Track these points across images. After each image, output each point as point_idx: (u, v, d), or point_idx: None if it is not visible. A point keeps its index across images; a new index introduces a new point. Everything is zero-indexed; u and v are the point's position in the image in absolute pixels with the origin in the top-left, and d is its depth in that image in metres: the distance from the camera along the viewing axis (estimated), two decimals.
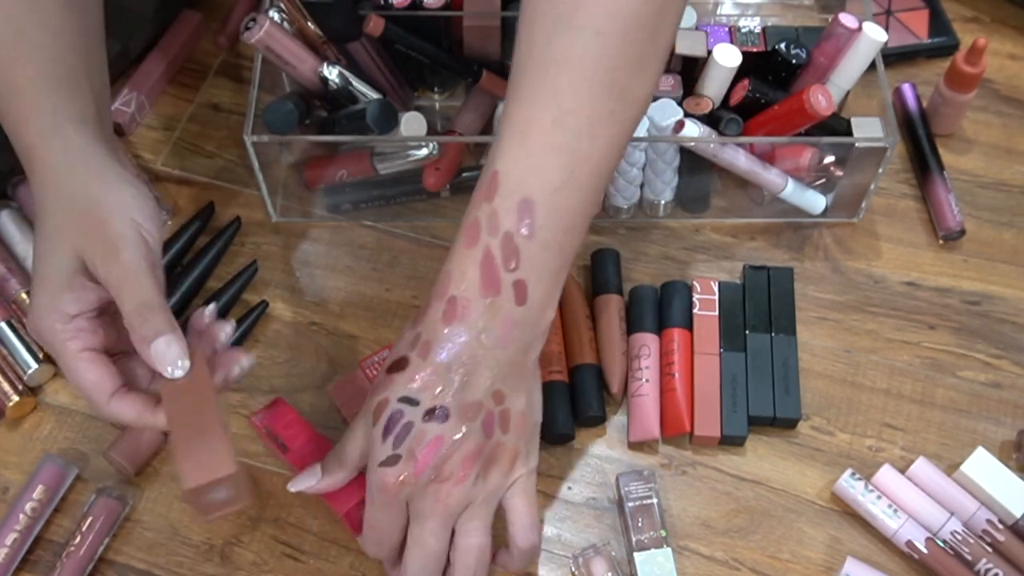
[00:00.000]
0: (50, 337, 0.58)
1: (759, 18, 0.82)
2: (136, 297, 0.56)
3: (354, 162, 0.77)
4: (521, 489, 0.62)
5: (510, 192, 0.57)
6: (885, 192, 0.84)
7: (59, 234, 0.58)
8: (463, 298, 0.58)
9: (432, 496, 0.59)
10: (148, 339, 0.56)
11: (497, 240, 0.57)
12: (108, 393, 0.58)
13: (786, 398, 0.73)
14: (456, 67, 0.80)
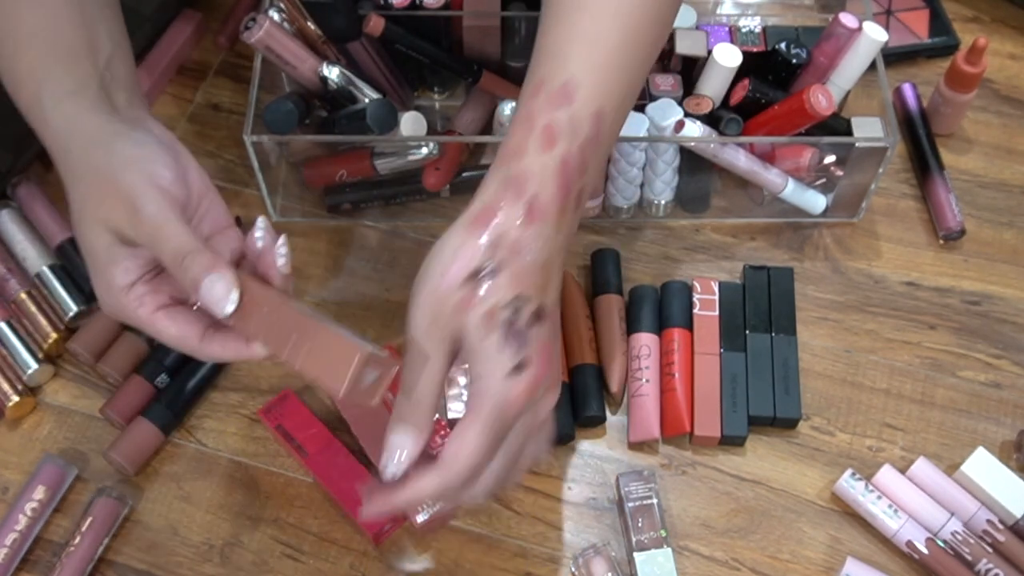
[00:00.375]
0: (121, 314, 0.58)
1: (759, 18, 0.82)
2: (169, 248, 0.55)
3: (354, 162, 0.77)
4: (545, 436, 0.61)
5: (587, 101, 0.57)
6: (885, 192, 0.84)
7: (83, 215, 0.57)
8: (543, 202, 0.56)
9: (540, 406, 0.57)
10: (195, 283, 0.54)
11: (576, 147, 0.56)
12: (196, 339, 0.57)
13: (786, 398, 0.73)
14: (456, 67, 0.80)
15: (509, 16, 0.79)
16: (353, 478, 0.69)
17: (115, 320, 0.59)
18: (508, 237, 0.55)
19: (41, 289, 0.77)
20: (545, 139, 0.56)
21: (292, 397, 0.73)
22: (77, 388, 0.75)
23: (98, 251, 0.57)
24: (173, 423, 0.72)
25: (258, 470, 0.72)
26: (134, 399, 0.73)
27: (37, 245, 0.78)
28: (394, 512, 0.56)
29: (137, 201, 0.55)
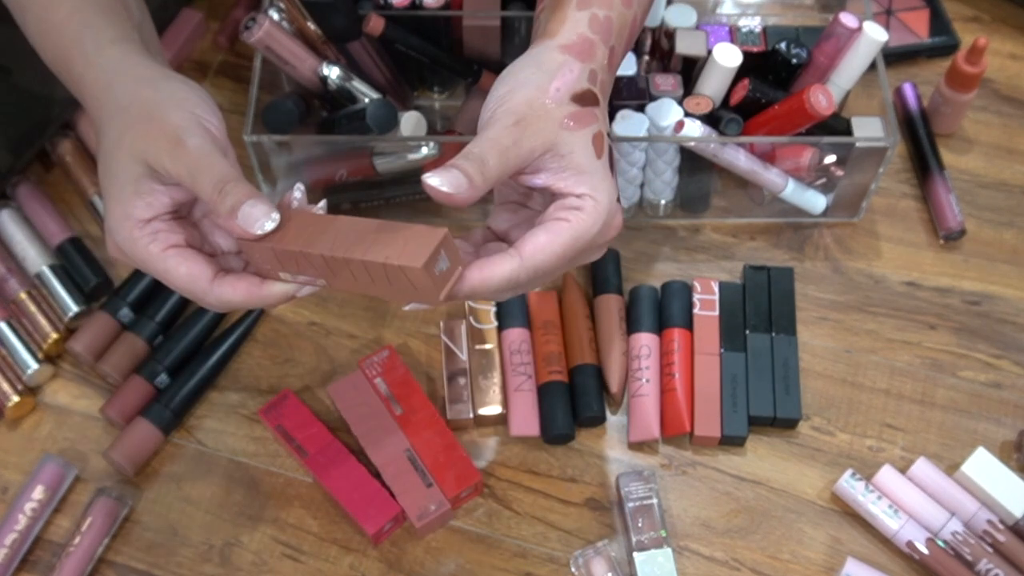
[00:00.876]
0: (130, 247, 0.56)
1: (759, 18, 0.82)
2: (212, 176, 0.54)
3: (354, 162, 0.77)
4: None
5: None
6: (885, 192, 0.83)
7: (119, 146, 0.56)
8: (618, 51, 0.58)
9: (618, 223, 0.57)
10: (235, 210, 0.53)
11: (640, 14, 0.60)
12: (208, 279, 0.55)
13: (786, 398, 0.73)
14: (456, 67, 0.80)
15: (509, 16, 0.79)
16: (353, 478, 0.69)
17: (117, 259, 0.57)
18: (599, 75, 0.56)
19: (41, 289, 0.77)
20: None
21: (292, 397, 0.73)
22: (77, 388, 0.75)
23: (125, 181, 0.56)
24: (173, 423, 0.72)
25: (258, 470, 0.72)
26: (134, 399, 0.73)
27: (37, 245, 0.78)
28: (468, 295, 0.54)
29: (183, 134, 0.55)
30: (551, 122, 0.54)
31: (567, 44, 0.56)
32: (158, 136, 0.55)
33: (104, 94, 0.58)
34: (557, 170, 0.54)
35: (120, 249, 0.57)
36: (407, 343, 0.76)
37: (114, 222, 0.56)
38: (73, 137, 0.83)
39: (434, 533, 0.70)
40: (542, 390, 0.73)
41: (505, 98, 0.55)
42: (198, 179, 0.54)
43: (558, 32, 0.57)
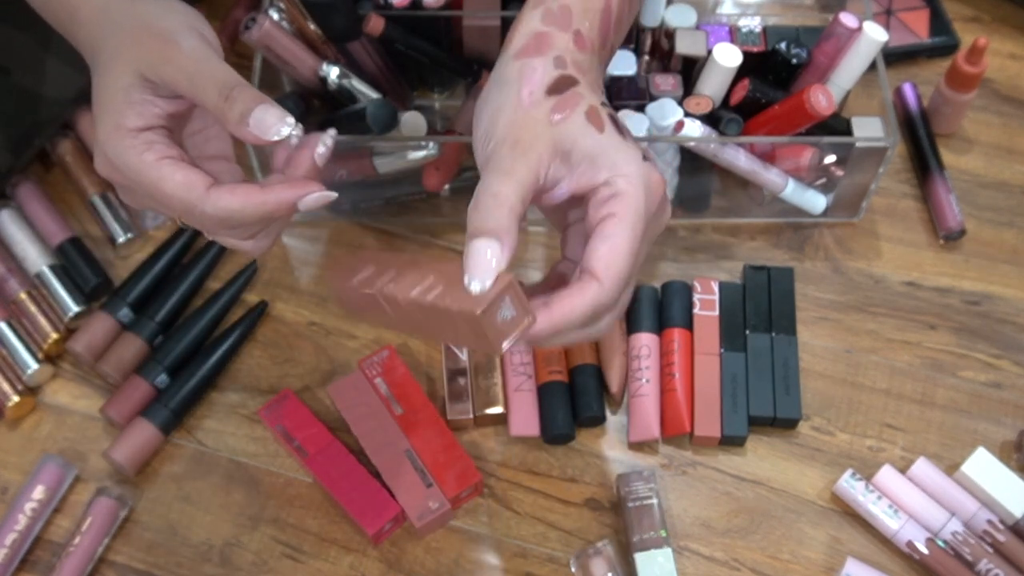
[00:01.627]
0: (122, 156, 0.53)
1: (759, 18, 0.82)
2: (215, 81, 0.52)
3: (354, 162, 0.77)
4: None
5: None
6: (885, 192, 0.83)
7: (112, 59, 0.54)
8: (587, 35, 0.56)
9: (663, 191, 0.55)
10: (245, 116, 0.51)
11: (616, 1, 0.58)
12: (203, 187, 0.53)
13: (786, 398, 0.73)
14: (456, 67, 0.80)
15: (509, 16, 0.79)
16: (353, 478, 0.69)
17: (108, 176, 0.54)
18: (567, 58, 0.54)
19: (41, 289, 0.77)
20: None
21: (292, 397, 0.73)
22: (77, 388, 0.75)
23: (116, 92, 0.53)
24: (173, 423, 0.72)
25: (258, 470, 0.72)
26: (134, 399, 0.73)
27: (37, 245, 0.78)
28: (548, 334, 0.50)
29: (178, 38, 0.53)
30: (540, 125, 0.52)
31: (519, 49, 0.55)
32: (152, 45, 0.53)
33: (100, 16, 0.56)
34: (571, 170, 0.52)
35: (111, 162, 0.54)
36: (407, 343, 0.76)
37: (104, 134, 0.53)
38: (73, 137, 0.83)
39: (434, 533, 0.70)
40: (542, 390, 0.73)
41: (490, 131, 0.53)
42: (199, 84, 0.52)
43: (511, 42, 0.55)
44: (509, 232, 0.50)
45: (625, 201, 0.51)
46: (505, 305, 0.49)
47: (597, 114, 0.52)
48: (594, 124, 0.52)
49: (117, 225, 0.80)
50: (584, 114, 0.52)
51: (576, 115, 0.52)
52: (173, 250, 0.78)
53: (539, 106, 0.52)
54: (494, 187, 0.50)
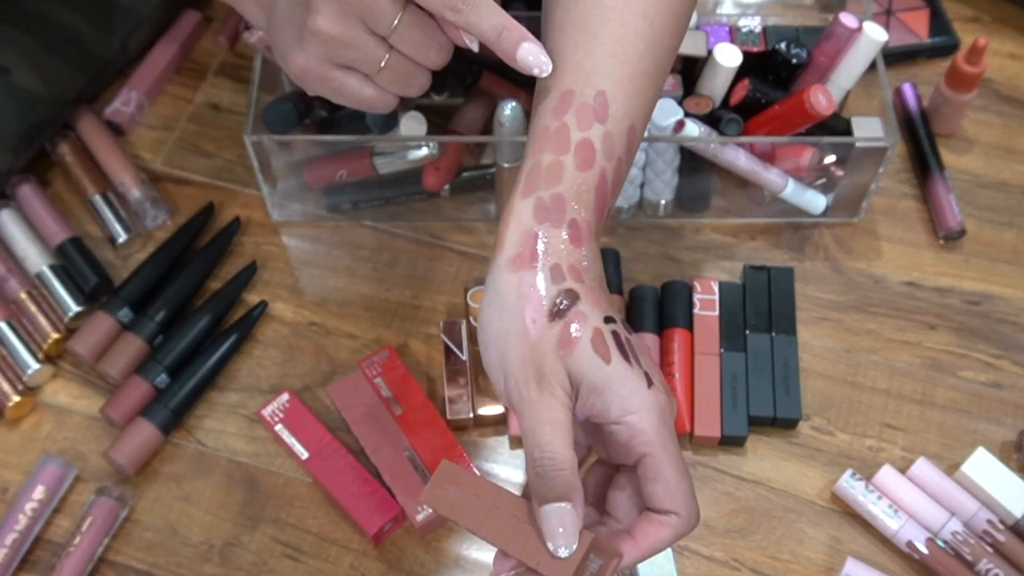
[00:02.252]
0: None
1: (759, 18, 0.82)
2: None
3: (354, 162, 0.77)
4: None
5: (621, 118, 0.55)
6: (885, 192, 0.83)
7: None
8: (584, 221, 0.54)
9: (674, 413, 0.54)
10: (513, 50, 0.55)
11: (612, 165, 0.55)
12: None
13: (786, 398, 0.73)
14: (456, 67, 0.80)
15: None
16: (353, 478, 0.69)
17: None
18: (564, 263, 0.53)
19: (41, 289, 0.77)
20: (582, 158, 0.54)
21: (292, 397, 0.73)
22: (77, 388, 0.75)
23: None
24: (173, 423, 0.72)
25: (258, 470, 0.72)
26: (134, 399, 0.73)
27: (37, 245, 0.78)
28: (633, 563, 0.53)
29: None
30: (551, 356, 0.51)
31: (513, 257, 0.53)
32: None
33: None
34: (594, 401, 0.52)
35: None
36: (407, 343, 0.76)
37: None
38: (73, 137, 0.83)
39: (434, 533, 0.70)
40: None
41: (505, 366, 0.52)
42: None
43: (504, 241, 0.53)
44: (577, 488, 0.51)
45: (647, 438, 0.51)
46: (591, 561, 0.50)
47: (603, 340, 0.51)
48: (600, 354, 0.51)
49: (117, 225, 0.80)
50: (590, 343, 0.51)
51: (582, 347, 0.51)
52: (173, 250, 0.78)
53: (545, 337, 0.51)
54: (544, 439, 0.50)
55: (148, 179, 0.82)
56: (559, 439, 0.50)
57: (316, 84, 0.58)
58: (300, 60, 0.56)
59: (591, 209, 0.54)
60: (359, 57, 0.56)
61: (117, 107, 0.85)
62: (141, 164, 0.84)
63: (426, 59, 0.57)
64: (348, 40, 0.55)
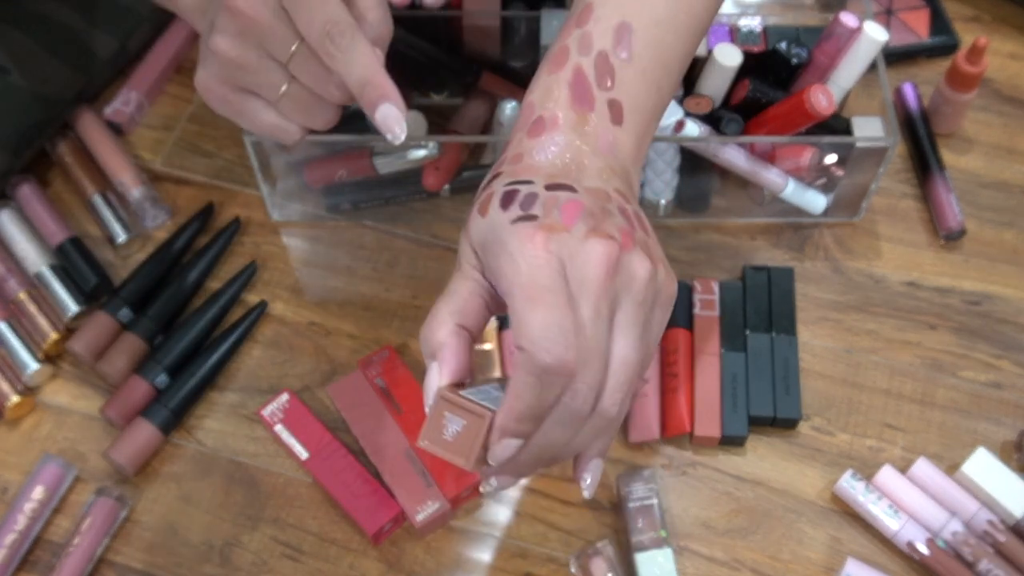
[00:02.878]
0: None
1: (760, 17, 0.81)
2: None
3: (354, 162, 0.77)
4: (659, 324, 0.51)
5: (607, 16, 0.53)
6: (886, 192, 0.83)
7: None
8: (551, 113, 0.52)
9: (599, 256, 0.47)
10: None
11: (590, 59, 0.52)
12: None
13: (786, 398, 0.73)
14: (456, 67, 0.80)
15: (509, 16, 0.79)
16: (353, 478, 0.69)
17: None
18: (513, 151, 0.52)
19: (41, 289, 0.77)
20: (554, 62, 0.53)
21: (292, 397, 0.73)
22: (77, 388, 0.75)
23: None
24: (173, 423, 0.72)
25: (258, 470, 0.72)
26: (134, 399, 0.73)
27: (37, 245, 0.78)
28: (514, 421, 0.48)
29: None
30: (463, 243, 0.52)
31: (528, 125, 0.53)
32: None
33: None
34: (487, 261, 0.50)
35: None
36: (407, 343, 0.76)
37: None
38: (73, 137, 0.83)
39: (434, 533, 0.70)
40: None
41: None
42: None
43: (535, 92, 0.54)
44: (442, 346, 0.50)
45: (505, 283, 0.48)
46: (449, 420, 0.47)
47: (488, 200, 0.50)
48: (480, 212, 0.50)
49: (117, 225, 0.80)
50: (477, 206, 0.50)
51: (473, 214, 0.51)
52: (173, 250, 0.78)
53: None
54: (434, 310, 0.51)
55: (148, 179, 0.82)
56: (443, 305, 0.51)
57: (217, 104, 0.59)
58: (202, 78, 0.58)
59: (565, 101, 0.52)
60: (258, 81, 0.57)
61: (117, 107, 0.85)
62: (141, 164, 0.84)
63: (326, 92, 0.57)
64: (246, 63, 0.56)
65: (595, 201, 0.50)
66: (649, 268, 0.49)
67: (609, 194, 0.51)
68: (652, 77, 0.54)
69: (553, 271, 0.47)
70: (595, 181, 0.51)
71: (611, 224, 0.49)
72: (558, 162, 0.51)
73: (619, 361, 0.48)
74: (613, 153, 0.52)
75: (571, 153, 0.51)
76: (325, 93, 0.58)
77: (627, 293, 0.48)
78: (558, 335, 0.46)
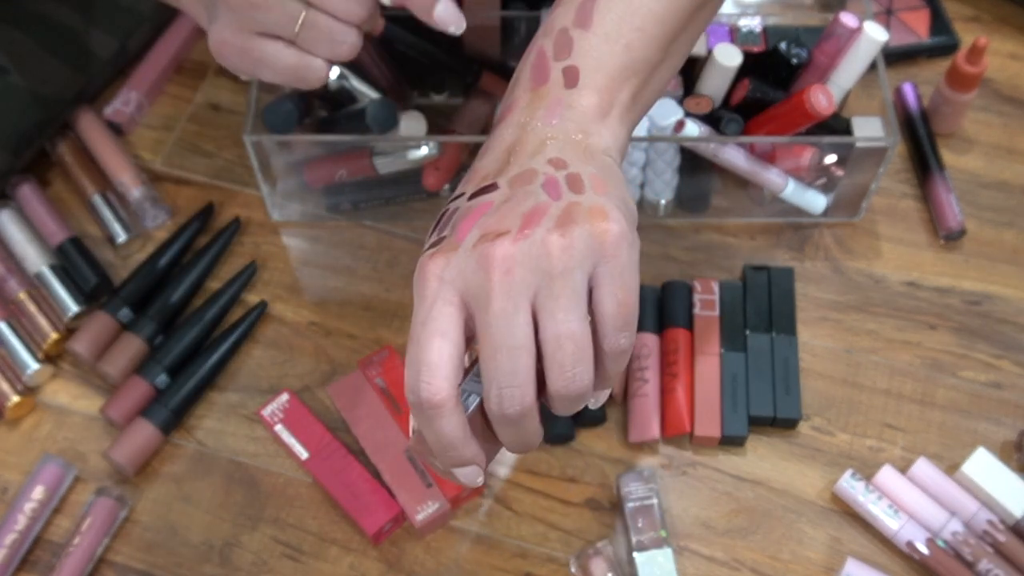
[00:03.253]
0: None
1: (759, 17, 0.81)
2: None
3: (354, 162, 0.77)
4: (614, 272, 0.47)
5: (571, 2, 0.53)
6: (886, 192, 0.83)
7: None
8: (511, 101, 0.52)
9: (487, 261, 0.46)
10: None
11: (551, 38, 0.52)
12: None
13: (786, 398, 0.73)
14: (456, 67, 0.80)
15: (509, 16, 0.79)
16: (353, 478, 0.69)
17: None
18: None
19: (41, 289, 0.77)
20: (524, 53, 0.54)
21: (292, 397, 0.73)
22: (77, 388, 0.75)
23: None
24: (173, 423, 0.72)
25: (258, 470, 0.72)
26: (134, 399, 0.73)
27: (37, 245, 0.78)
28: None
29: None
30: None
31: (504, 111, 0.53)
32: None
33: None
34: None
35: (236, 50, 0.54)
36: (407, 343, 0.76)
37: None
38: (73, 137, 0.83)
39: (434, 533, 0.70)
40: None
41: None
42: None
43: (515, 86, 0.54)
44: None
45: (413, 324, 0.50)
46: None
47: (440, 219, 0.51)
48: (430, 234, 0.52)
49: (117, 225, 0.80)
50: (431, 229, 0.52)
51: None
52: (173, 250, 0.78)
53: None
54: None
55: (148, 179, 0.82)
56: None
57: (235, 58, 0.57)
58: (215, 33, 0.55)
59: (526, 82, 0.53)
60: (273, 18, 0.54)
61: (117, 107, 0.85)
62: (141, 164, 0.84)
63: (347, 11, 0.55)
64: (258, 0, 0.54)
65: (513, 190, 0.49)
66: (559, 239, 0.46)
67: (536, 171, 0.49)
68: (617, 37, 0.53)
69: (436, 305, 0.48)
70: (526, 162, 0.50)
71: (514, 214, 0.48)
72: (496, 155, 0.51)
73: (553, 340, 0.46)
74: (561, 117, 0.51)
75: (513, 136, 0.51)
76: (346, 13, 0.56)
77: (541, 273, 0.46)
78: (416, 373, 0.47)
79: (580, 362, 0.47)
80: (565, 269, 0.46)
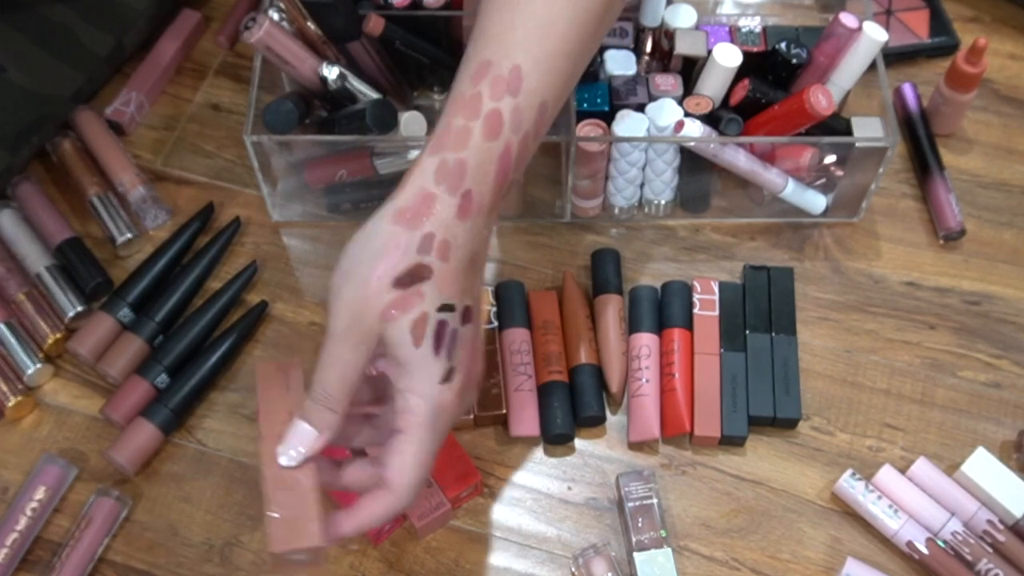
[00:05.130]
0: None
1: (759, 18, 0.82)
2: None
3: (354, 162, 0.77)
4: None
5: (533, 93, 0.56)
6: (885, 192, 0.83)
7: None
8: (478, 193, 0.55)
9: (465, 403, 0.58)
10: None
11: (518, 139, 0.56)
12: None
13: (786, 398, 0.73)
14: (456, 67, 0.80)
15: None
16: None
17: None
18: (439, 236, 0.54)
19: (41, 289, 0.77)
20: (489, 127, 0.55)
21: None
22: (77, 388, 0.75)
23: None
24: (173, 423, 0.72)
25: (258, 470, 0.72)
26: (134, 399, 0.73)
27: (37, 245, 0.78)
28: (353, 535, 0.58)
29: None
30: (374, 317, 0.54)
31: (401, 209, 0.55)
32: None
33: None
34: (392, 369, 0.56)
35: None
36: None
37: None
38: (73, 137, 0.83)
39: (434, 533, 0.70)
40: (542, 390, 0.73)
41: (340, 291, 0.55)
42: None
43: (402, 190, 0.56)
44: (332, 428, 0.57)
45: (413, 420, 0.55)
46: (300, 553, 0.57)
47: (423, 325, 0.54)
48: (414, 335, 0.54)
49: (117, 225, 0.80)
50: (411, 322, 0.54)
51: (404, 321, 0.54)
52: (173, 250, 0.78)
53: (379, 297, 0.54)
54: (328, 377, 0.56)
55: (148, 179, 0.82)
56: (340, 383, 0.56)
57: None
58: None
59: (490, 182, 0.56)
60: None
61: (117, 107, 0.85)
62: (141, 164, 0.84)
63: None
64: None
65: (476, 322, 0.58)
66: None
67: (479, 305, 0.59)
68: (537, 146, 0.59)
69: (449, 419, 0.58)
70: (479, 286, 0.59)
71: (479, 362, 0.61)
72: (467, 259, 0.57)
73: None
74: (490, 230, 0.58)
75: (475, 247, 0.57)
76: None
77: None
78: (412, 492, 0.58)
79: None
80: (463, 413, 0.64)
